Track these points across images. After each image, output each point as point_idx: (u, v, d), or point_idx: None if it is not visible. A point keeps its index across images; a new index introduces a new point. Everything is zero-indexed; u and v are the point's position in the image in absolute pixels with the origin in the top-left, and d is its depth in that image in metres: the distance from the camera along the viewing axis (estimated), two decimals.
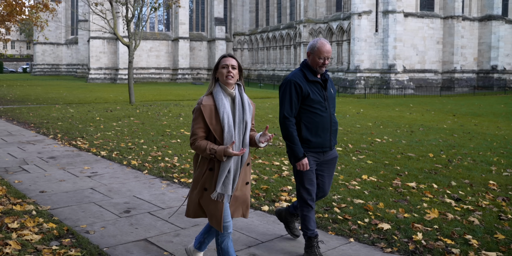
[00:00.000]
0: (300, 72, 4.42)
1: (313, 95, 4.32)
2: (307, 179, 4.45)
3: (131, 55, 22.15)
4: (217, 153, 3.57)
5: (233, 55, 3.78)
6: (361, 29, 35.40)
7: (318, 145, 4.42)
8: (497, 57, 39.26)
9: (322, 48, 4.30)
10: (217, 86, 3.72)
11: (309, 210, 4.50)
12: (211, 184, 3.71)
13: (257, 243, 4.89)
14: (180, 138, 11.83)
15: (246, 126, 3.74)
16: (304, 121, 4.36)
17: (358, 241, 4.94)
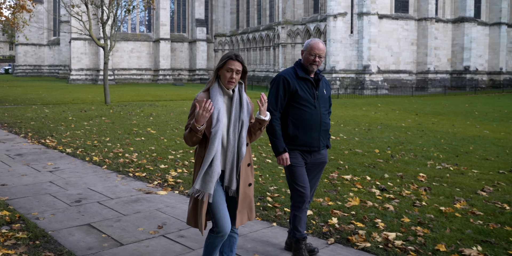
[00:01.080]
0: (292, 69, 4.46)
1: (301, 92, 4.32)
2: (300, 176, 4.40)
3: (106, 56, 22.62)
4: (191, 124, 3.45)
5: (239, 57, 3.67)
6: (336, 31, 36.17)
7: (305, 143, 4.38)
8: (469, 58, 40.27)
9: (314, 46, 4.34)
10: (216, 83, 3.67)
11: (301, 210, 4.45)
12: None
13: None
14: (145, 136, 12.36)
15: (242, 124, 3.66)
16: (291, 117, 4.36)
17: (280, 225, 5.52)
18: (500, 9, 42.43)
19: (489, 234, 5.11)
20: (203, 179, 3.53)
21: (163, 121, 15.84)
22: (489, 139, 12.30)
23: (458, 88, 40.21)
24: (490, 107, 23.03)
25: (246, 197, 3.73)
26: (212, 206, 3.60)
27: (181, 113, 18.58)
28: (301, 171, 4.39)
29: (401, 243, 4.83)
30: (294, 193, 4.44)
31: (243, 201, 3.72)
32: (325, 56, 36.32)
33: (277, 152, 4.33)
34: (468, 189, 7.11)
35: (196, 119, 3.40)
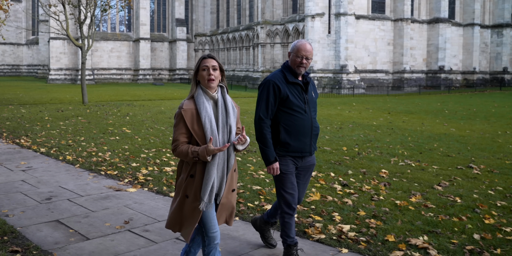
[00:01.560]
0: (281, 73, 4.29)
1: (292, 98, 4.20)
2: (289, 183, 4.34)
3: (84, 56, 22.67)
4: (200, 155, 3.41)
5: (212, 56, 3.63)
6: (314, 31, 36.60)
7: (298, 149, 4.30)
8: (444, 58, 41.03)
9: (301, 47, 4.22)
10: (199, 89, 3.58)
11: (290, 217, 4.40)
12: (192, 191, 3.56)
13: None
14: (119, 135, 12.53)
15: (231, 130, 3.59)
16: (283, 124, 4.24)
17: (242, 219, 5.79)
18: (473, 10, 43.28)
19: (437, 225, 5.44)
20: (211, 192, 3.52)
21: (139, 120, 16.01)
22: (454, 137, 12.73)
23: (433, 87, 40.96)
24: (461, 106, 23.60)
25: (227, 202, 3.70)
26: (205, 216, 3.59)
27: (158, 113, 18.75)
28: (291, 178, 4.33)
29: (354, 235, 5.13)
30: (282, 200, 4.37)
31: (224, 206, 3.70)
32: None
33: (268, 162, 4.23)
34: (426, 184, 7.46)
35: (206, 152, 3.37)
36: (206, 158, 3.39)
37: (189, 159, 3.47)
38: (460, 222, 5.53)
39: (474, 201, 6.45)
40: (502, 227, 5.37)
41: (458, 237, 5.06)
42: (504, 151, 10.52)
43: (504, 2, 44.57)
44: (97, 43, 53.86)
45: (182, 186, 3.61)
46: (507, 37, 44.64)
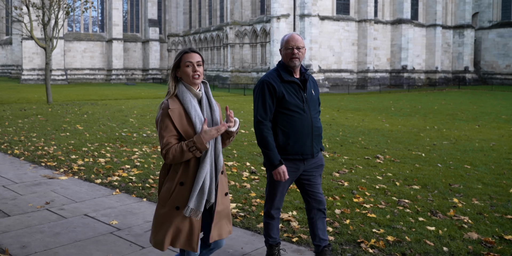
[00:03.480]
0: (275, 72, 4.10)
1: (289, 97, 3.99)
2: (280, 189, 4.23)
3: (48, 57, 23.37)
4: (196, 143, 3.15)
5: (195, 50, 3.36)
6: (279, 32, 37.67)
7: (297, 152, 4.06)
8: (407, 58, 42.42)
9: (289, 38, 4.04)
10: (181, 86, 3.31)
11: (272, 219, 4.34)
12: (183, 201, 3.24)
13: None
14: (70, 132, 13.37)
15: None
16: (280, 125, 4.02)
17: (148, 200, 6.73)
18: (435, 11, 44.73)
19: None
20: (197, 198, 3.22)
21: (95, 118, 16.84)
22: (383, 131, 13.80)
23: (397, 86, 42.32)
24: (410, 104, 24.82)
25: (224, 208, 3.43)
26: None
27: (116, 111, 19.57)
28: (285, 186, 4.22)
29: (236, 211, 6.09)
30: (269, 202, 4.29)
31: (221, 213, 3.41)
32: (270, 56, 37.79)
33: (272, 166, 4.00)
34: (327, 171, 8.45)
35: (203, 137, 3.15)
36: (204, 144, 3.13)
37: (187, 155, 3.17)
38: (332, 201, 6.52)
39: (358, 185, 7.46)
40: (365, 204, 6.38)
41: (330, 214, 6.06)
42: (418, 144, 11.61)
43: (465, 4, 46.14)
44: (70, 43, 54.29)
45: (169, 197, 3.27)
46: (468, 38, 46.23)
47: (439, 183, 7.60)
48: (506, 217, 5.84)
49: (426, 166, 9.00)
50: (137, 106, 22.55)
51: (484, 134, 13.39)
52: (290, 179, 4.17)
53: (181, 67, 3.31)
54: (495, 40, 46.78)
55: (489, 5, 47.60)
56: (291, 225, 5.50)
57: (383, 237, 5.10)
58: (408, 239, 5.05)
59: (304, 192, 4.34)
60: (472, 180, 7.86)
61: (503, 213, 6.01)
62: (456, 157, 9.92)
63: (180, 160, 3.21)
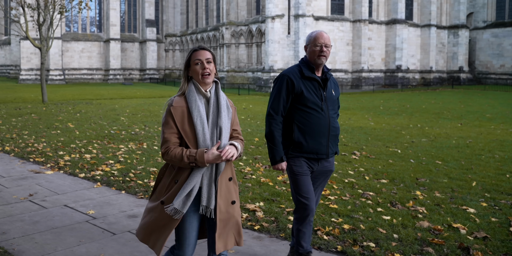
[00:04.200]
0: (297, 67, 4.04)
1: (307, 93, 3.92)
2: (304, 186, 4.04)
3: (43, 57, 23.76)
4: (198, 160, 3.05)
5: (204, 47, 3.26)
6: (274, 32, 38.06)
7: (313, 150, 3.99)
8: (401, 58, 42.79)
9: (318, 35, 3.97)
10: (191, 86, 3.23)
11: (305, 224, 4.12)
12: (171, 199, 3.13)
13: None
14: (61, 129, 13.74)
15: (221, 132, 3.19)
16: (297, 122, 3.95)
17: (127, 193, 7.09)
18: (430, 11, 45.08)
19: (279, 195, 6.80)
20: (184, 199, 3.09)
21: (87, 117, 17.21)
22: (366, 129, 14.16)
23: (391, 86, 42.70)
24: (400, 103, 25.20)
25: (229, 217, 3.23)
26: (180, 230, 3.23)
27: (109, 110, 19.95)
28: (306, 180, 4.04)
29: None
30: (298, 205, 4.09)
31: (225, 222, 3.22)
32: (265, 56, 38.17)
33: (273, 161, 4.01)
34: None
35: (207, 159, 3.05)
36: (205, 163, 3.05)
37: (184, 165, 3.10)
38: None
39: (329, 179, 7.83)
40: (330, 196, 6.74)
41: (287, 203, 6.43)
42: (397, 141, 11.98)
43: (460, 4, 46.50)
44: (68, 43, 54.68)
45: (161, 192, 3.23)
46: (463, 38, 46.60)
47: (407, 177, 7.96)
48: (461, 208, 6.20)
49: (399, 161, 9.36)
50: (131, 105, 22.92)
51: (464, 132, 13.75)
52: (309, 174, 4.08)
53: (191, 65, 3.22)
54: (490, 40, 47.13)
55: (484, 5, 47.96)
56: (256, 215, 5.86)
57: (340, 226, 5.46)
58: (363, 227, 5.41)
59: None
60: (439, 174, 8.22)
61: (460, 204, 6.37)
62: (430, 153, 10.28)
63: (176, 165, 3.15)
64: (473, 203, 6.46)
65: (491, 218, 5.76)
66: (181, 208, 3.09)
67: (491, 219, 5.72)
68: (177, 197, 3.08)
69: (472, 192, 7.03)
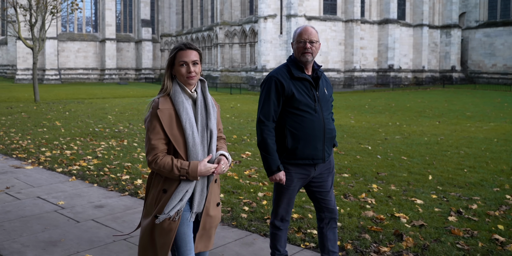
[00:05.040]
0: (285, 67, 3.75)
1: (299, 95, 3.64)
2: (285, 199, 3.88)
3: (35, 57, 24.18)
4: (190, 174, 2.88)
5: (192, 46, 3.00)
6: (267, 32, 38.49)
7: (308, 156, 3.71)
8: (393, 57, 43.20)
9: (302, 31, 3.68)
10: (176, 85, 3.01)
11: (279, 230, 4.00)
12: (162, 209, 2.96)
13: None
14: (48, 127, 14.14)
15: (211, 135, 3.04)
16: (289, 127, 3.66)
17: (99, 186, 7.49)
18: (422, 11, 45.49)
19: (240, 187, 7.20)
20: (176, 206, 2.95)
21: (75, 115, 17.61)
22: (345, 127, 14.56)
23: (383, 85, 43.12)
24: (387, 102, 25.60)
25: (214, 220, 3.14)
26: (179, 238, 3.03)
27: (99, 109, 20.36)
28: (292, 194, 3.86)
29: None
30: (275, 212, 3.97)
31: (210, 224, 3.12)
32: (258, 55, 38.54)
33: (270, 171, 3.70)
34: None
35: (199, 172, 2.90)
36: (197, 177, 2.90)
37: (172, 176, 2.91)
38: (260, 186, 7.28)
39: None
40: None
41: (246, 195, 6.83)
42: (371, 138, 12.37)
43: (452, 4, 46.91)
44: (63, 43, 55.08)
45: (154, 206, 3.01)
46: (455, 37, 47.01)
47: (369, 172, 8.36)
48: (410, 199, 6.59)
49: (366, 157, 9.76)
50: (121, 104, 23.32)
51: (439, 130, 14.15)
52: (298, 186, 3.84)
53: (175, 65, 2.99)
54: (482, 39, 47.55)
55: (476, 5, 48.37)
56: None
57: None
58: (310, 216, 5.80)
59: (314, 199, 4.01)
60: (401, 169, 8.62)
61: (410, 196, 6.76)
62: (399, 149, 10.68)
63: (164, 175, 2.94)
64: (424, 195, 6.85)
65: (435, 209, 6.15)
66: (170, 212, 2.93)
67: (434, 209, 6.11)
68: (167, 207, 2.92)
69: (426, 185, 7.43)
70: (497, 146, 11.14)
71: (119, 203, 6.53)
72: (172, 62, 3.00)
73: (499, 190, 7.18)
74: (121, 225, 5.55)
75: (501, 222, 5.67)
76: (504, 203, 6.48)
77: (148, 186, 3.13)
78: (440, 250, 4.77)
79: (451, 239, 5.06)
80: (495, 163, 9.23)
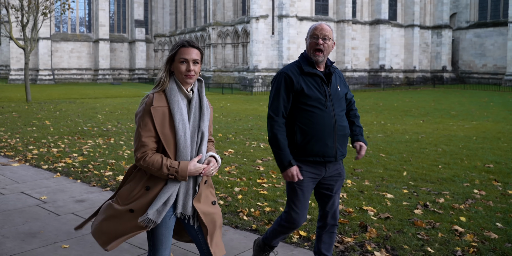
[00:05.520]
0: (296, 63, 3.71)
1: (309, 90, 3.57)
2: (297, 200, 3.74)
3: (27, 57, 24.39)
4: (179, 173, 2.80)
5: (194, 44, 2.95)
6: (258, 32, 38.79)
7: (318, 153, 3.60)
8: (384, 57, 43.58)
9: (316, 26, 3.63)
10: (172, 83, 2.93)
11: (285, 232, 3.94)
12: (141, 207, 2.87)
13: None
14: (37, 126, 14.34)
15: (203, 137, 2.96)
16: (299, 123, 3.60)
17: (82, 181, 7.72)
18: (413, 12, 45.90)
19: (217, 183, 7.44)
20: (160, 209, 2.87)
21: (66, 115, 17.82)
22: None
23: (375, 85, 43.48)
24: (375, 101, 25.91)
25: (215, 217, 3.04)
26: (156, 235, 2.99)
27: (89, 109, 20.57)
28: (302, 195, 3.73)
29: None
30: (287, 215, 3.83)
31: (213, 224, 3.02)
32: (250, 55, 38.85)
33: (283, 167, 3.60)
34: (252, 158, 9.47)
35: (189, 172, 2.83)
36: (185, 178, 2.83)
37: (160, 175, 2.83)
38: (238, 181, 7.54)
39: (273, 169, 8.47)
40: (265, 184, 7.39)
41: (223, 190, 7.08)
42: None
43: (443, 5, 47.34)
44: (57, 44, 55.20)
45: (128, 197, 2.92)
46: (446, 38, 47.43)
47: (346, 168, 8.61)
48: (381, 194, 6.85)
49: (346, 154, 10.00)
50: (112, 104, 23.54)
51: (422, 128, 14.44)
52: (310, 187, 3.75)
53: (175, 61, 2.92)
54: (472, 40, 47.97)
55: (467, 6, 48.77)
56: None
57: (262, 208, 6.11)
58: (282, 209, 6.05)
59: (321, 202, 3.92)
60: (377, 166, 8.88)
61: (382, 191, 7.02)
62: (379, 147, 10.95)
63: (152, 173, 2.85)
64: (395, 190, 7.11)
65: (403, 202, 6.40)
66: (156, 219, 2.87)
67: (402, 203, 6.37)
68: (151, 207, 2.84)
69: (399, 181, 7.69)
70: (474, 144, 11.43)
71: (99, 197, 6.76)
72: (172, 58, 2.93)
73: (469, 185, 7.45)
74: None
75: (464, 214, 5.93)
76: (471, 197, 6.75)
77: (126, 176, 3.05)
78: (401, 240, 5.02)
79: (413, 230, 5.32)
80: (470, 159, 9.52)
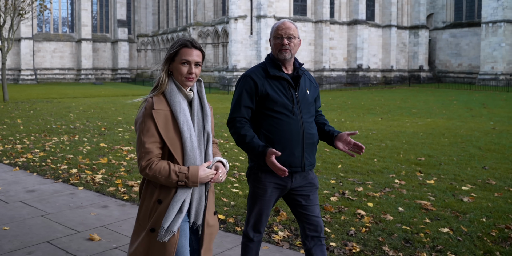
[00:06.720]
0: (261, 65, 3.45)
1: (274, 95, 3.33)
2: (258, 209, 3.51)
3: (4, 57, 24.87)
4: (189, 178, 2.64)
5: (197, 45, 2.78)
6: (237, 32, 39.46)
7: (284, 163, 3.28)
8: (362, 57, 44.43)
9: (279, 25, 3.43)
10: (171, 84, 2.77)
11: (251, 241, 3.60)
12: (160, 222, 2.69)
13: None
14: (8, 125, 14.89)
15: (208, 138, 2.84)
16: (264, 130, 3.34)
17: (63, 182, 8.32)
18: (390, 12, 46.80)
19: None
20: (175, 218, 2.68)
21: (39, 114, 18.36)
22: None
23: (352, 84, 44.33)
24: (345, 100, 26.68)
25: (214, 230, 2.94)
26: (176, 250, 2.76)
27: (64, 108, 21.11)
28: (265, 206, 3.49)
29: (100, 178, 7.72)
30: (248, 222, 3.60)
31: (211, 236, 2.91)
32: (229, 55, 39.49)
33: (259, 154, 3.23)
34: None
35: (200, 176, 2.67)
36: (197, 183, 2.67)
37: (169, 183, 2.65)
38: None
39: None
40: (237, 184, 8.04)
41: None
42: None
43: (420, 5, 48.32)
44: (39, 43, 55.45)
45: (145, 218, 2.75)
46: (423, 38, 48.42)
47: None
48: None
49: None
50: (88, 103, 24.06)
51: (377, 125, 15.18)
52: (274, 197, 3.46)
53: (175, 61, 2.74)
54: (448, 40, 48.99)
55: (443, 6, 49.78)
56: (133, 189, 7.15)
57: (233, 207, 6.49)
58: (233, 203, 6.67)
59: (297, 214, 3.59)
60: (317, 160, 9.56)
61: None
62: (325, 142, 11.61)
63: (160, 182, 2.66)
64: (323, 180, 7.78)
65: (324, 191, 7.08)
66: (173, 227, 2.66)
67: (323, 192, 7.04)
68: (165, 220, 2.65)
69: (331, 173, 8.38)
70: (418, 139, 12.17)
71: (50, 188, 7.37)
72: (172, 58, 2.76)
73: (394, 176, 8.15)
74: (44, 205, 6.40)
75: (376, 201, 6.59)
76: (390, 186, 7.44)
77: (142, 197, 2.84)
78: None
79: (321, 214, 5.99)
80: (406, 153, 10.24)
